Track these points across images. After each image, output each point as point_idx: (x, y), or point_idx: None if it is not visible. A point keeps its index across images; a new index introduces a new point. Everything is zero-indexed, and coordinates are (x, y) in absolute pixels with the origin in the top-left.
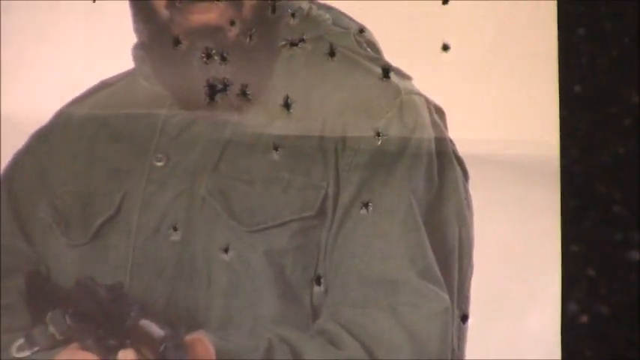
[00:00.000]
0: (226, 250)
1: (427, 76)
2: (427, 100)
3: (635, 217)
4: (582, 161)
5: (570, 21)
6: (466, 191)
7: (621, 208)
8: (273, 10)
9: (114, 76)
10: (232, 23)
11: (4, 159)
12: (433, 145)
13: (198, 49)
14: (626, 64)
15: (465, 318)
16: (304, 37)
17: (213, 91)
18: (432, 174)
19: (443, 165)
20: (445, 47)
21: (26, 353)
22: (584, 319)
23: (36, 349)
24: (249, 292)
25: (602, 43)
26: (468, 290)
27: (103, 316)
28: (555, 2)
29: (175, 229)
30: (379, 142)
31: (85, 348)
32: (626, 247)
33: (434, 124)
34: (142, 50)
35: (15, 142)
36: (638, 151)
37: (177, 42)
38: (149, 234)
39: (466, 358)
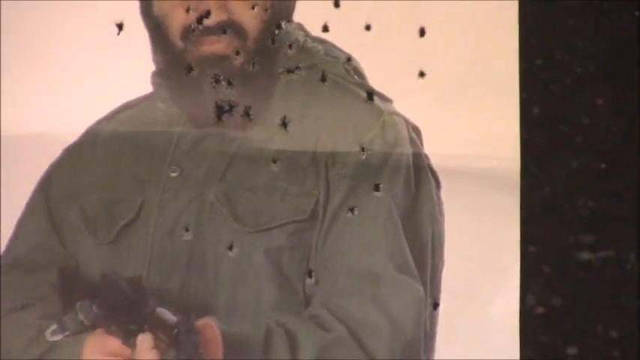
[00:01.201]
0: (231, 248)
1: (406, 100)
2: (406, 120)
3: (585, 223)
4: (540, 173)
5: (530, 53)
6: (438, 198)
7: (573, 215)
8: (273, 42)
9: (135, 99)
10: (238, 53)
11: (41, 171)
12: (411, 159)
13: (208, 76)
14: (578, 90)
15: (436, 305)
16: (300, 65)
17: (221, 111)
18: (410, 184)
19: (419, 176)
20: (421, 74)
21: (58, 337)
22: (540, 310)
23: (67, 333)
24: (251, 284)
25: (557, 72)
26: (439, 282)
27: (125, 305)
28: (517, 36)
29: (187, 230)
30: (364, 157)
31: (109, 332)
32: (577, 248)
33: (411, 141)
34: (159, 77)
35: (51, 155)
36: (589, 165)
37: (189, 69)
38: (164, 234)
39: (437, 339)
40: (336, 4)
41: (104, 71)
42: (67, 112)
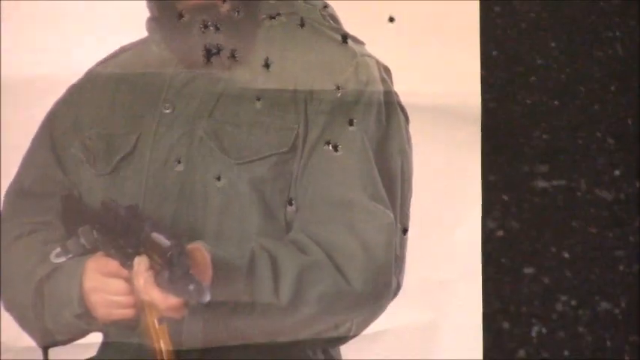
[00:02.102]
0: (219, 179)
1: (377, 42)
2: (377, 61)
3: (540, 154)
4: (498, 109)
5: (488, 0)
6: (407, 132)
7: (529, 147)
8: None
9: (131, 43)
10: (224, 1)
11: (47, 108)
12: (382, 97)
13: (197, 22)
14: (532, 34)
15: (405, 231)
16: (280, 11)
17: (209, 54)
18: (381, 119)
19: (389, 112)
20: (391, 19)
21: (62, 259)
22: (500, 233)
23: (70, 256)
24: (237, 211)
25: (513, 17)
26: (408, 209)
27: (123, 230)
28: None
29: (179, 162)
30: (339, 94)
31: (108, 255)
32: (532, 177)
33: (382, 80)
34: (153, 22)
35: (54, 96)
36: (542, 101)
37: (180, 16)
38: (158, 166)
39: (406, 262)
40: None
41: (102, 17)
42: (68, 55)
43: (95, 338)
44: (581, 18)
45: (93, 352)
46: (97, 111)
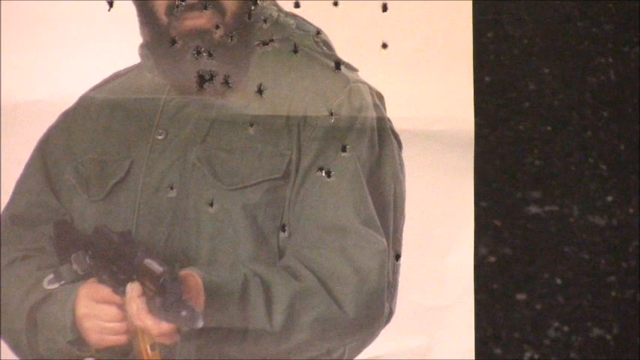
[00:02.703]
0: (212, 205)
1: (370, 69)
2: (370, 88)
3: (533, 180)
4: (491, 135)
5: (481, 26)
6: (400, 158)
7: (521, 173)
8: (249, 17)
9: (124, 69)
10: (217, 27)
11: (38, 135)
12: (375, 123)
13: (191, 48)
14: (525, 60)
15: (398, 256)
16: (274, 38)
17: (203, 80)
18: (374, 145)
19: (382, 138)
20: (384, 45)
21: (55, 285)
22: (492, 259)
23: (62, 282)
24: (229, 237)
25: (506, 43)
26: (401, 235)
27: (115, 256)
28: (471, 12)
29: (172, 188)
30: (332, 120)
31: (101, 281)
32: (524, 203)
33: (375, 106)
34: (146, 48)
35: (47, 121)
36: (535, 127)
37: (173, 42)
38: (151, 192)
39: (398, 288)
40: None
41: (96, 43)
42: (62, 81)
43: None
44: (574, 44)
45: None
46: (90, 137)
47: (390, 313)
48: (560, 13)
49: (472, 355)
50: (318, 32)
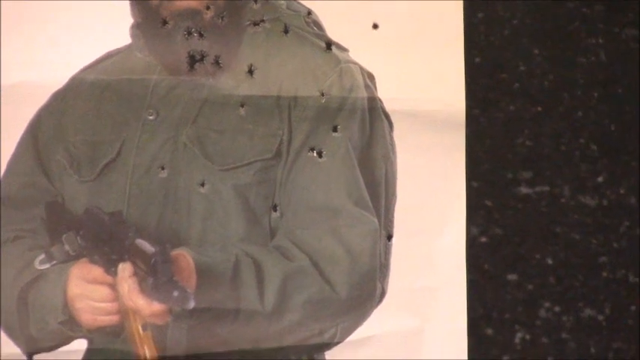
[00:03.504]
0: (203, 185)
1: (361, 49)
2: (361, 68)
3: (524, 160)
4: (482, 115)
5: (472, 7)
6: (391, 138)
7: (512, 153)
8: None
9: (115, 49)
10: (208, 8)
11: (29, 115)
12: (366, 103)
13: (181, 28)
14: (515, 41)
15: (390, 237)
16: (264, 18)
17: (193, 60)
18: (365, 125)
19: (373, 118)
20: (375, 26)
21: (46, 266)
22: (483, 239)
23: (54, 262)
24: (221, 217)
25: (497, 24)
26: (393, 215)
27: (107, 236)
28: None
29: (163, 169)
30: (323, 101)
31: (92, 262)
32: (515, 184)
33: (366, 86)
34: (137, 29)
35: (38, 100)
36: (526, 108)
37: (164, 22)
38: (142, 172)
39: (390, 268)
40: None
41: (87, 24)
42: (53, 62)
43: (80, 345)
44: (564, 24)
45: (78, 359)
46: (81, 117)
47: (382, 294)
48: None
49: (465, 335)
50: (309, 12)
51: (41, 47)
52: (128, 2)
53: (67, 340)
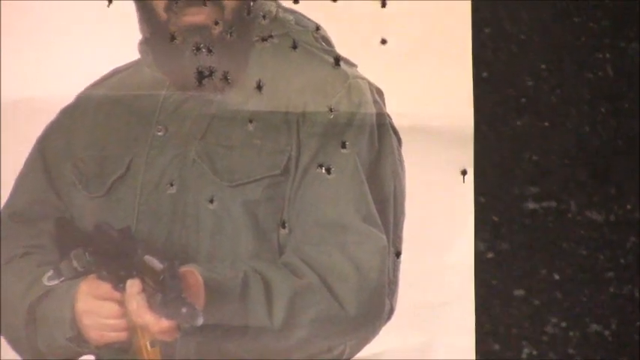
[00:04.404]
0: (211, 201)
1: (369, 64)
2: (369, 83)
3: (530, 175)
4: (489, 131)
5: (479, 22)
6: (400, 154)
7: (519, 168)
8: (249, 13)
9: (123, 65)
10: (216, 23)
11: (37, 131)
12: (374, 119)
13: (190, 44)
14: (522, 56)
15: (398, 254)
16: (273, 33)
17: (202, 76)
18: (373, 141)
19: (382, 134)
20: (383, 41)
21: (55, 282)
22: (490, 255)
23: (62, 278)
24: (229, 234)
25: (504, 39)
26: (401, 231)
27: (115, 253)
28: (470, 6)
29: (172, 185)
30: (332, 116)
31: (100, 278)
32: (522, 199)
33: (375, 102)
34: (145, 45)
35: (47, 116)
36: (533, 123)
37: (173, 38)
38: (151, 188)
39: (399, 285)
40: None
41: (96, 40)
42: (62, 78)
43: None
44: (571, 40)
45: None
46: (90, 133)
47: (391, 311)
48: (557, 8)
49: (472, 352)
50: (317, 28)
51: (49, 63)
52: (137, 18)
53: (75, 356)
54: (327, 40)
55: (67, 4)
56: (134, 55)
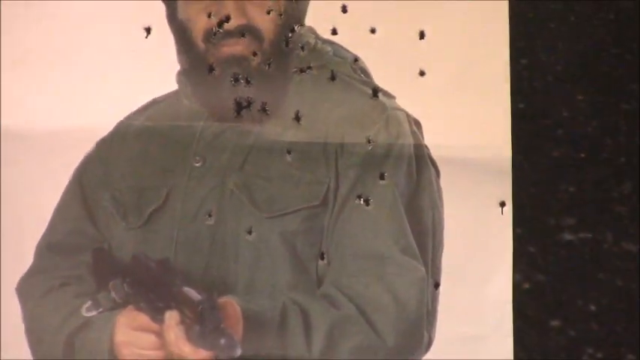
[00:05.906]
0: (250, 232)
1: (407, 96)
2: (407, 115)
3: (567, 207)
4: (525, 162)
5: (516, 53)
6: (438, 185)
7: (555, 200)
8: (287, 44)
9: (162, 95)
10: (255, 54)
11: (75, 162)
12: (412, 150)
13: (228, 75)
14: (558, 87)
15: (437, 285)
16: (311, 65)
17: (240, 107)
18: (412, 172)
19: (420, 165)
20: (422, 73)
21: (93, 313)
22: (526, 286)
23: (100, 309)
24: (268, 265)
25: (540, 70)
26: (440, 263)
27: (154, 284)
28: (507, 39)
29: (210, 216)
30: (370, 148)
31: (138, 309)
32: (559, 230)
33: (413, 133)
34: (183, 76)
35: (84, 148)
36: (569, 154)
37: (211, 69)
38: (189, 219)
39: (438, 317)
40: (344, 10)
41: (134, 71)
42: (99, 108)
43: None
44: (607, 71)
45: None
46: (127, 164)
47: (429, 342)
48: (594, 39)
49: None
50: (356, 59)
51: (87, 94)
52: (175, 49)
53: None
54: (365, 72)
55: (105, 34)
56: (172, 85)
